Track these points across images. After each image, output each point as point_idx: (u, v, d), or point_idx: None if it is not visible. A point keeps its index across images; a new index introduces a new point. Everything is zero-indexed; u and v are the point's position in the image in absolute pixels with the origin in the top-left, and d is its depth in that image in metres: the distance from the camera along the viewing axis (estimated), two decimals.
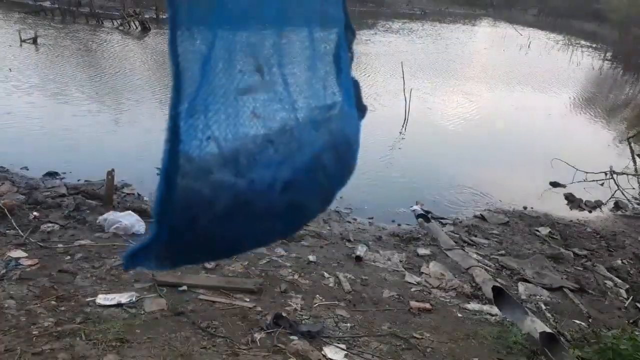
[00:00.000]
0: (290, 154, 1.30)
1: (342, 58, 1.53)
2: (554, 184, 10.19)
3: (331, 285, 5.37)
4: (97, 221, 6.01)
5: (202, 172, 1.14)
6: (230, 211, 1.20)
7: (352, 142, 1.59)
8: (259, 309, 4.63)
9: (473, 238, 7.36)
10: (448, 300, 5.46)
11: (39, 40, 17.03)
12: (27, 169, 7.72)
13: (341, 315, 4.79)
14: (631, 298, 6.20)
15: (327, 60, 1.48)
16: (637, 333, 4.57)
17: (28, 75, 13.34)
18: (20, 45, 16.52)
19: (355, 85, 1.67)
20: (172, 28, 1.08)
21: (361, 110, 1.71)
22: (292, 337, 4.26)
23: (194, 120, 1.12)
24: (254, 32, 1.24)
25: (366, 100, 1.74)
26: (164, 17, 24.86)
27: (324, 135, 1.41)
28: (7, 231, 5.52)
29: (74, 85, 13.02)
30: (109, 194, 6.67)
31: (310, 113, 1.39)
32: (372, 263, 6.09)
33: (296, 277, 5.37)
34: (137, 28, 22.23)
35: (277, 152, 1.28)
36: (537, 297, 5.80)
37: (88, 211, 6.35)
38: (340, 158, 1.49)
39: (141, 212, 6.33)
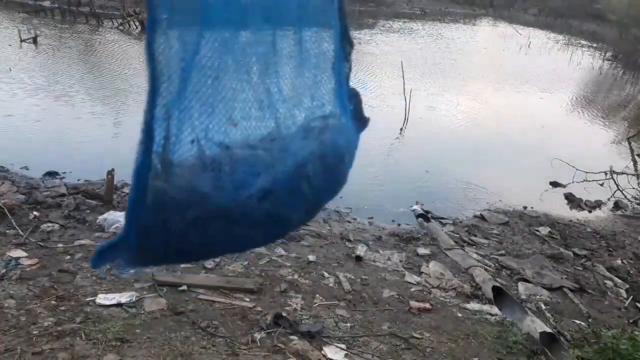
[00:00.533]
0: (270, 163, 1.27)
1: (338, 69, 1.49)
2: (554, 184, 10.20)
3: (331, 285, 5.37)
4: (97, 221, 6.02)
5: (175, 176, 1.12)
6: (204, 216, 1.18)
7: (344, 154, 1.54)
8: (259, 308, 4.63)
9: (473, 238, 7.37)
10: (448, 300, 5.46)
11: (38, 40, 17.03)
12: (27, 169, 7.72)
13: (341, 315, 4.79)
14: (631, 298, 6.20)
15: (319, 70, 1.43)
16: (637, 333, 4.57)
17: (28, 74, 13.33)
18: (20, 44, 16.51)
19: (355, 96, 1.62)
20: (150, 29, 1.05)
21: (361, 121, 1.66)
22: (292, 337, 4.27)
23: (169, 124, 1.11)
24: (239, 36, 1.21)
25: (367, 100, 1.70)
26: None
27: (311, 145, 1.37)
28: (7, 231, 5.52)
29: (73, 85, 13.02)
30: (109, 193, 6.67)
31: (294, 123, 1.35)
32: (372, 263, 6.09)
33: (296, 277, 5.37)
34: (137, 28, 22.22)
35: (257, 160, 1.25)
36: (537, 297, 5.80)
37: (88, 211, 6.35)
38: (328, 170, 1.44)
39: None
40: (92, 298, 4.40)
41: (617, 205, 9.64)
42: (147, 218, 1.13)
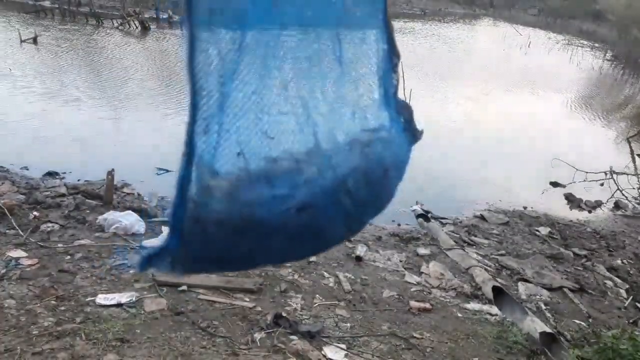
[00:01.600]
0: (309, 177, 1.28)
1: (385, 81, 1.48)
2: (554, 184, 10.20)
3: (331, 285, 5.37)
4: (97, 221, 6.01)
5: (214, 188, 1.16)
6: (241, 227, 1.21)
7: (391, 168, 1.52)
8: (259, 309, 4.63)
9: (473, 238, 7.36)
10: (448, 300, 5.46)
11: (39, 40, 17.03)
12: (27, 169, 7.71)
13: (341, 315, 4.79)
14: (631, 298, 6.20)
15: (361, 83, 1.42)
16: (637, 333, 4.57)
17: (28, 75, 13.34)
18: (21, 45, 16.51)
19: (406, 108, 1.60)
20: (190, 46, 1.08)
21: (413, 134, 1.65)
22: (292, 337, 4.27)
23: (209, 138, 1.14)
24: (278, 52, 1.22)
25: None
26: (164, 16, 24.87)
27: (353, 159, 1.37)
28: (7, 231, 5.52)
29: (74, 85, 13.02)
30: (109, 194, 6.67)
31: (334, 137, 1.34)
32: (372, 263, 6.09)
33: (296, 277, 5.37)
34: (137, 28, 22.22)
35: (295, 174, 1.26)
36: (537, 297, 5.80)
37: (88, 211, 6.34)
38: (371, 184, 1.43)
39: (141, 212, 6.34)
40: (92, 298, 4.40)
41: (617, 205, 9.64)
42: (188, 227, 1.17)
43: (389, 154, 1.50)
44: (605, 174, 10.15)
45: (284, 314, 4.53)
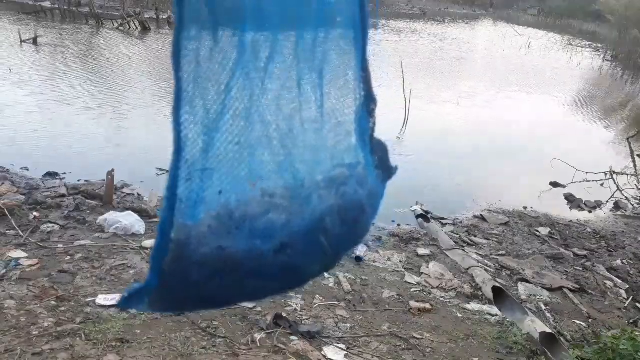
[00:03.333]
0: (287, 218, 1.31)
1: (361, 125, 1.52)
2: (554, 184, 10.19)
3: (331, 285, 5.37)
4: (97, 221, 6.02)
5: (195, 230, 1.20)
6: (220, 268, 1.24)
7: (365, 206, 1.56)
8: (259, 309, 4.63)
9: (473, 238, 7.36)
10: (448, 300, 5.47)
11: (39, 41, 17.03)
12: (27, 169, 7.71)
13: (341, 316, 4.79)
14: (631, 298, 6.20)
15: (340, 129, 1.46)
16: (637, 333, 4.57)
17: (28, 75, 13.34)
18: (21, 45, 16.52)
19: (380, 147, 1.64)
20: (177, 98, 1.14)
21: (387, 171, 1.68)
22: (292, 337, 4.27)
23: (192, 184, 1.20)
24: (262, 100, 1.26)
25: None
26: (164, 17, 24.88)
27: (330, 199, 1.40)
28: (7, 231, 5.52)
29: (74, 86, 13.02)
30: (109, 194, 6.67)
31: (313, 179, 1.38)
32: (372, 263, 6.10)
33: None
34: (137, 28, 22.22)
35: (274, 215, 1.29)
36: (537, 297, 5.80)
37: (88, 211, 6.35)
38: (347, 222, 1.47)
39: (141, 212, 6.34)
40: (92, 299, 4.40)
41: (617, 206, 9.64)
42: (168, 268, 1.21)
43: (364, 192, 1.54)
44: (605, 174, 10.14)
45: (284, 314, 4.54)
